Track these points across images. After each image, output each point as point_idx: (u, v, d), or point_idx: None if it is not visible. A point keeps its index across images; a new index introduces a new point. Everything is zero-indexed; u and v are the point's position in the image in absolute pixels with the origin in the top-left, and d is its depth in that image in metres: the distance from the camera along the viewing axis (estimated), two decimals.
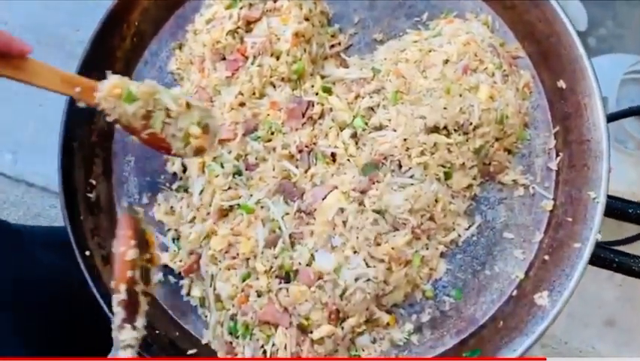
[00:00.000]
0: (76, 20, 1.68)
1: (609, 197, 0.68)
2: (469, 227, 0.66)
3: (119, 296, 0.54)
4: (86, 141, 0.70)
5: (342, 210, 0.60)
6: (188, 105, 0.57)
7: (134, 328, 0.53)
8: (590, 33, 1.69)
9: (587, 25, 1.32)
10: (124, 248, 0.54)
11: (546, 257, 0.64)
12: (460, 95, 0.62)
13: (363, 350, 0.63)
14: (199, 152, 0.59)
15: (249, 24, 0.68)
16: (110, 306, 0.62)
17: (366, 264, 0.59)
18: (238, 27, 0.67)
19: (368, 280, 0.59)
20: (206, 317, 0.66)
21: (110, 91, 0.53)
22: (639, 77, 1.18)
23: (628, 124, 1.10)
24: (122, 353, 0.52)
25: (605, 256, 0.68)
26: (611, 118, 0.95)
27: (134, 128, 0.56)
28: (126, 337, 0.53)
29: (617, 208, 0.70)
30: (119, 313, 0.53)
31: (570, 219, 0.63)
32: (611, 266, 0.68)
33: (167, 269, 0.67)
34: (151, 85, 0.55)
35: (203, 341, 0.66)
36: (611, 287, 1.50)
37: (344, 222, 0.60)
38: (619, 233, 1.19)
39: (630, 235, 1.13)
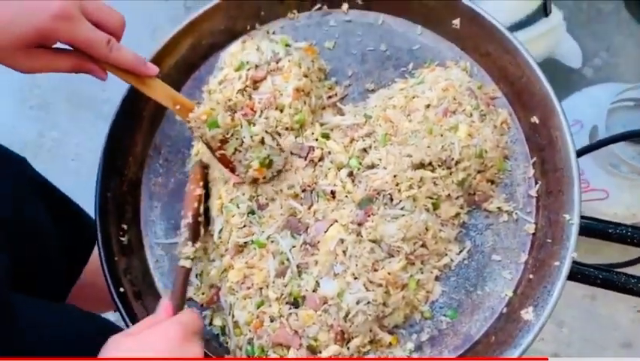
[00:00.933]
0: (103, 81, 1.83)
1: (589, 218, 0.75)
2: (460, 252, 0.73)
3: (186, 220, 0.71)
4: (118, 190, 0.80)
5: (342, 240, 0.68)
6: (263, 142, 0.72)
7: (194, 246, 0.70)
8: (586, 64, 1.77)
9: (581, 62, 1.40)
10: (193, 186, 0.74)
11: (531, 276, 0.70)
12: (442, 135, 0.71)
13: None
14: (255, 181, 0.74)
15: (255, 83, 0.77)
16: None
17: (366, 288, 0.67)
18: (247, 86, 0.77)
19: (368, 302, 0.66)
20: (226, 343, 0.74)
21: (200, 115, 0.69)
22: (627, 104, 1.25)
23: (619, 149, 1.17)
24: (183, 262, 0.69)
25: (589, 274, 0.75)
26: (598, 145, 1.02)
27: (211, 147, 0.71)
28: (188, 251, 0.69)
29: (597, 229, 0.77)
30: (184, 232, 0.71)
31: (550, 241, 0.70)
32: (596, 282, 0.74)
33: (190, 301, 0.76)
34: (234, 117, 0.71)
35: None
36: (626, 310, 1.52)
37: (344, 252, 0.68)
38: (623, 256, 1.24)
39: (634, 258, 1.17)
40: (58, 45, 0.65)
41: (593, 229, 0.76)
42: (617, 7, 1.79)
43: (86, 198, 0.93)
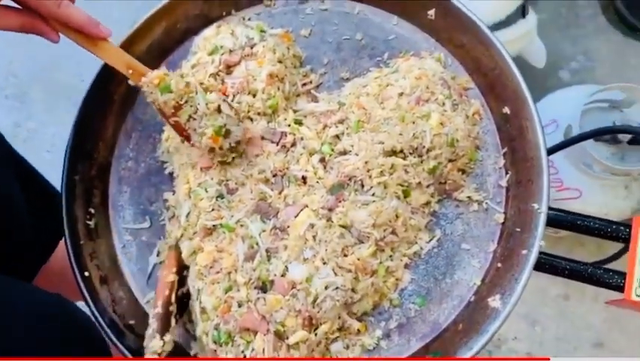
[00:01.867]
0: (81, 70, 1.81)
1: (558, 210, 0.76)
2: (430, 240, 0.73)
3: (156, 310, 0.66)
4: (87, 174, 0.78)
5: (312, 225, 0.68)
6: (219, 110, 0.69)
7: (162, 341, 0.65)
8: (563, 67, 1.80)
9: (544, 63, 1.43)
10: (166, 272, 0.70)
11: (499, 264, 0.70)
12: (414, 123, 0.71)
13: (337, 356, 0.69)
14: (211, 150, 0.71)
15: (229, 67, 0.77)
16: (104, 322, 0.70)
17: (335, 273, 0.66)
18: (219, 70, 0.76)
19: (337, 288, 0.66)
20: (193, 331, 0.73)
21: (152, 79, 0.67)
22: (602, 105, 1.27)
23: (592, 149, 1.18)
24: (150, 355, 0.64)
25: (557, 264, 0.75)
26: (570, 142, 1.03)
27: (164, 113, 0.69)
28: (155, 345, 0.64)
29: (566, 221, 0.78)
30: (152, 323, 0.66)
31: (519, 230, 0.70)
32: (564, 273, 0.75)
33: None
34: (189, 83, 0.68)
35: (192, 353, 0.72)
36: (598, 310, 1.54)
37: (314, 237, 0.67)
38: (602, 253, 1.25)
39: (612, 253, 1.17)
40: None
41: (562, 220, 0.77)
42: (594, 12, 1.83)
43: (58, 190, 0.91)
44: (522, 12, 1.31)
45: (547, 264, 0.75)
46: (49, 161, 1.72)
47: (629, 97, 1.22)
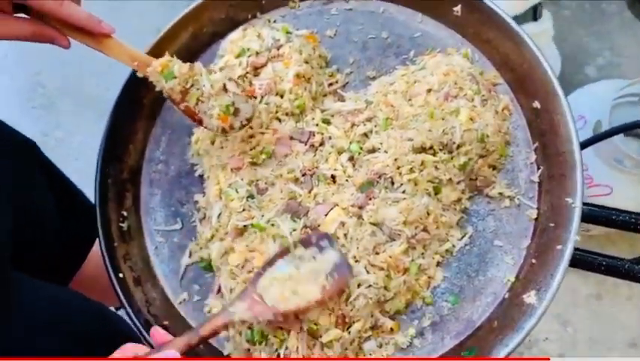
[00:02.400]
0: (106, 80, 1.84)
1: (592, 205, 0.75)
2: (462, 237, 0.73)
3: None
4: (118, 177, 0.80)
5: (342, 223, 0.68)
6: (226, 89, 0.69)
7: None
8: (589, 63, 1.77)
9: (559, 72, 1.39)
10: None
11: (533, 260, 0.69)
12: (443, 119, 0.70)
13: (371, 354, 0.69)
14: (223, 131, 0.71)
15: (256, 69, 0.78)
16: (140, 323, 0.71)
17: (367, 271, 0.66)
18: (247, 72, 0.77)
19: (369, 286, 0.66)
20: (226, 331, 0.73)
21: (156, 68, 0.68)
22: (630, 99, 1.24)
23: (622, 144, 1.16)
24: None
25: (592, 260, 0.74)
26: (601, 137, 1.01)
27: (173, 99, 0.70)
28: None
29: (601, 216, 0.76)
30: None
31: (552, 225, 0.69)
32: (599, 269, 0.73)
33: (191, 286, 0.75)
34: (194, 67, 0.69)
35: (225, 353, 0.72)
36: (631, 309, 1.50)
37: (345, 235, 0.67)
38: (634, 251, 1.22)
39: None
40: None
41: (596, 215, 0.76)
42: (619, 7, 1.80)
43: (89, 197, 0.93)
44: (534, 15, 1.28)
45: (582, 260, 0.74)
46: (77, 169, 1.75)
47: None
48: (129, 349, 0.56)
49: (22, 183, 0.78)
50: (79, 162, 1.80)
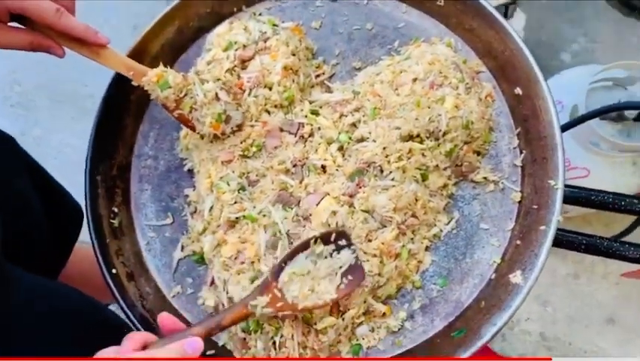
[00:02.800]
0: (84, 77, 1.81)
1: (572, 187, 0.77)
2: (449, 222, 0.75)
3: None
4: (108, 174, 0.80)
5: (334, 212, 0.69)
6: (218, 98, 0.73)
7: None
8: (564, 49, 1.81)
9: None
10: None
11: (518, 242, 0.72)
12: (429, 107, 0.72)
13: (363, 339, 0.71)
14: (216, 137, 0.76)
15: (243, 62, 0.78)
16: (135, 318, 0.71)
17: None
18: (235, 66, 0.77)
19: None
20: None
21: (151, 78, 0.71)
22: (606, 84, 1.28)
23: (598, 127, 1.19)
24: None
25: (573, 239, 0.77)
26: (579, 121, 1.04)
27: (167, 107, 0.74)
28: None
29: (581, 197, 0.79)
30: None
31: (536, 207, 0.72)
32: (580, 248, 0.76)
33: (184, 279, 0.76)
34: (187, 77, 0.74)
35: (220, 343, 0.73)
36: (608, 287, 1.56)
37: (337, 223, 0.69)
38: (610, 231, 1.27)
39: (624, 228, 1.18)
40: None
41: (576, 196, 0.79)
42: None
43: (78, 185, 0.93)
44: (504, 13, 1.28)
45: (564, 240, 0.77)
46: (56, 167, 1.72)
47: (632, 75, 1.24)
48: (137, 338, 0.55)
49: (5, 178, 0.78)
50: (58, 160, 1.78)
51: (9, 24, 0.66)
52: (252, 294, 0.64)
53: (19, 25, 0.67)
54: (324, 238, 0.66)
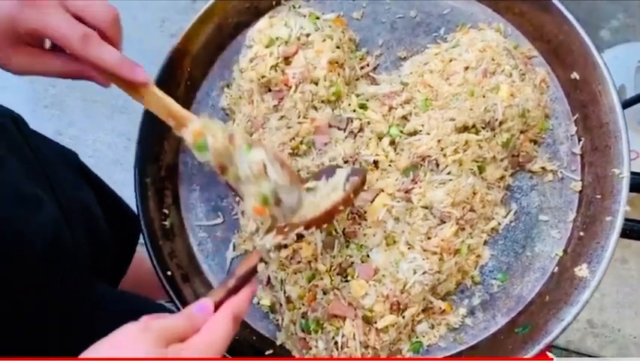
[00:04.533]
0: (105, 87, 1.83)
1: (634, 173, 0.74)
2: (507, 215, 0.72)
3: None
4: (156, 176, 0.80)
5: (389, 209, 0.68)
6: (266, 172, 0.57)
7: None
8: (603, 26, 1.74)
9: None
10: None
11: (581, 233, 0.69)
12: (484, 96, 0.69)
13: (424, 336, 0.70)
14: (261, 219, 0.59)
15: (287, 58, 0.76)
16: None
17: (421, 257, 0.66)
18: (278, 62, 0.76)
19: (424, 272, 0.66)
20: (277, 320, 0.74)
21: (190, 133, 0.59)
22: None
23: None
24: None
25: (638, 229, 0.73)
26: (630, 103, 1.00)
27: (214, 170, 0.59)
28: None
29: None
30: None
31: (599, 196, 0.69)
32: None
33: None
34: (233, 139, 0.57)
35: (278, 342, 0.73)
36: None
37: (397, 219, 0.67)
38: None
39: None
40: None
41: (637, 183, 0.75)
42: None
43: (127, 187, 0.94)
44: None
45: (627, 229, 0.74)
46: (93, 165, 1.74)
47: None
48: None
49: (76, 195, 0.78)
50: (94, 159, 1.80)
51: (47, 47, 0.59)
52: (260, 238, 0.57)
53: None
54: (315, 177, 0.63)
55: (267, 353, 0.72)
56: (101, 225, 0.84)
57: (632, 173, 0.72)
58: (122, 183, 1.60)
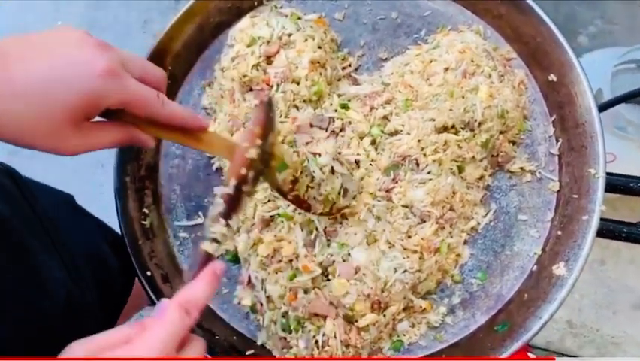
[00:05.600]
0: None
1: (610, 174, 0.76)
2: (486, 214, 0.73)
3: (226, 190, 0.54)
4: (136, 175, 0.79)
5: (371, 208, 0.68)
6: (333, 171, 0.66)
7: (227, 225, 0.53)
8: (581, 31, 1.78)
9: None
10: (247, 145, 0.54)
11: (559, 232, 0.70)
12: (463, 97, 0.70)
13: (404, 335, 0.70)
14: (338, 211, 0.67)
15: (268, 58, 0.76)
16: None
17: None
18: (260, 61, 0.76)
19: (405, 270, 0.66)
20: (258, 320, 0.73)
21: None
22: (630, 66, 1.25)
23: (625, 111, 1.17)
24: (208, 245, 0.52)
25: (613, 229, 0.75)
26: (606, 106, 1.02)
27: (282, 192, 0.63)
28: (217, 230, 0.53)
29: (619, 184, 0.77)
30: (218, 205, 0.54)
31: (576, 196, 0.70)
32: (620, 237, 0.75)
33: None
34: (300, 153, 0.65)
35: (259, 343, 0.72)
36: (634, 272, 1.54)
37: (378, 218, 0.67)
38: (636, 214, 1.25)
39: None
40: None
41: (615, 184, 0.76)
42: None
43: (87, 195, 0.92)
44: None
45: (603, 229, 0.75)
46: (73, 168, 1.73)
47: None
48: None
49: (80, 241, 0.77)
50: (74, 162, 1.77)
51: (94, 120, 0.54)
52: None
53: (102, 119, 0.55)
54: None
55: (248, 353, 0.71)
56: (110, 262, 0.83)
57: (608, 173, 0.73)
58: (104, 184, 1.59)
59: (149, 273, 0.73)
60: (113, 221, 0.80)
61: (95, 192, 1.58)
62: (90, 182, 1.64)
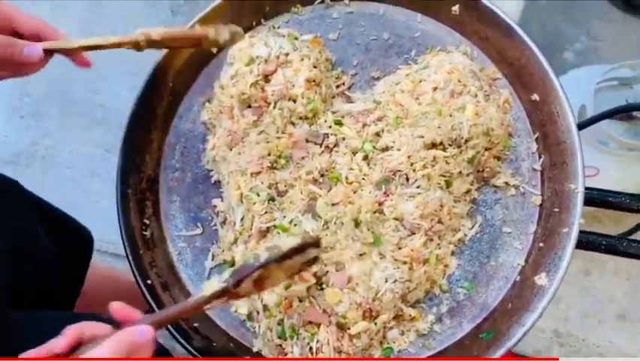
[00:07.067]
0: (94, 86, 1.83)
1: (590, 189, 0.80)
2: (473, 226, 0.77)
3: None
4: (138, 187, 0.82)
5: (361, 221, 0.71)
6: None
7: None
8: (567, 48, 1.83)
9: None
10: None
11: (541, 244, 0.74)
12: (450, 115, 0.74)
13: (394, 342, 0.73)
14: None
15: (266, 76, 0.80)
16: (172, 327, 0.73)
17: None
18: (258, 79, 0.79)
19: (395, 280, 0.70)
20: (254, 328, 0.76)
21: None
22: (612, 84, 1.30)
23: (607, 126, 1.22)
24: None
25: (593, 241, 0.79)
26: (588, 123, 1.06)
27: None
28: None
29: (598, 198, 0.81)
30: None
31: (557, 210, 0.74)
32: (600, 248, 0.79)
33: None
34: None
35: (255, 350, 0.75)
36: (618, 283, 1.58)
37: (368, 230, 0.71)
38: (620, 228, 1.29)
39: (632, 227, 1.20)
40: None
41: (594, 198, 0.81)
42: None
43: (83, 204, 0.94)
44: None
45: (584, 241, 0.79)
46: (69, 177, 1.75)
47: (639, 74, 1.26)
48: (88, 326, 0.52)
49: (17, 224, 0.79)
50: (70, 170, 1.80)
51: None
52: (208, 296, 0.57)
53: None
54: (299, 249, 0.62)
55: None
56: (46, 251, 0.84)
57: (587, 188, 0.77)
58: (99, 193, 1.61)
59: (149, 281, 0.76)
60: (108, 229, 0.82)
61: (90, 202, 1.60)
62: (86, 191, 1.66)
